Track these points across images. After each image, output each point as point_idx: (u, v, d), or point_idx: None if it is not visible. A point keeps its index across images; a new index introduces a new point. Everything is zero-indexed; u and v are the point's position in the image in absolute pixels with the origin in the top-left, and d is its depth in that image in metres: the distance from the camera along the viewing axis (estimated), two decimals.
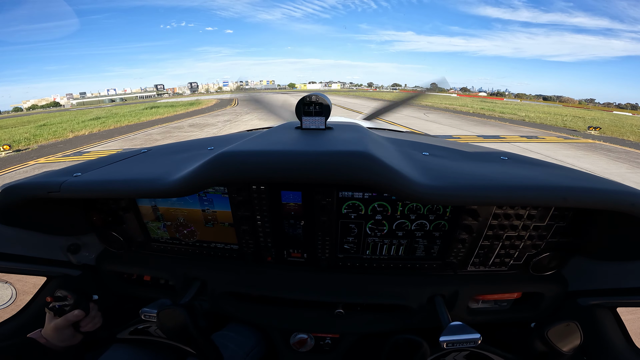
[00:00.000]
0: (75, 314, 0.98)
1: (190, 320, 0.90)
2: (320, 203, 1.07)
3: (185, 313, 0.90)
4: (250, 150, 0.94)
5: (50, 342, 0.95)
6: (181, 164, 1.07)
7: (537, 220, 1.04)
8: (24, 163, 9.22)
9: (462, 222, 1.06)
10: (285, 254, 1.24)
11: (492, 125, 16.32)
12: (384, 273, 1.21)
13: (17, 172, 8.15)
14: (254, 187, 1.09)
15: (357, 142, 1.00)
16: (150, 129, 15.61)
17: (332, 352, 1.23)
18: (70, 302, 0.99)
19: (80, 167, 1.18)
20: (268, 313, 1.23)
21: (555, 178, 0.95)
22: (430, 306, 1.12)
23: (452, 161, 1.11)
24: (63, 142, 12.94)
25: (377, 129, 2.06)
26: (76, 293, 1.01)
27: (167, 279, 1.32)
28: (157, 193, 0.97)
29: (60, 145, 12.32)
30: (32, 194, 1.01)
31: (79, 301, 1.00)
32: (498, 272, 1.18)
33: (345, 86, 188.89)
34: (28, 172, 8.18)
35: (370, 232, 1.14)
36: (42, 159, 9.66)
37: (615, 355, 0.98)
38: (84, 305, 1.02)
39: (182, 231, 1.26)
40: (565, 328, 0.92)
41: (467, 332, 0.89)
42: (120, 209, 1.23)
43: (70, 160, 9.11)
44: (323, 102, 1.17)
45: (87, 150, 10.73)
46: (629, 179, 6.96)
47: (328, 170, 0.86)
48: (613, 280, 1.01)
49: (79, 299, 1.00)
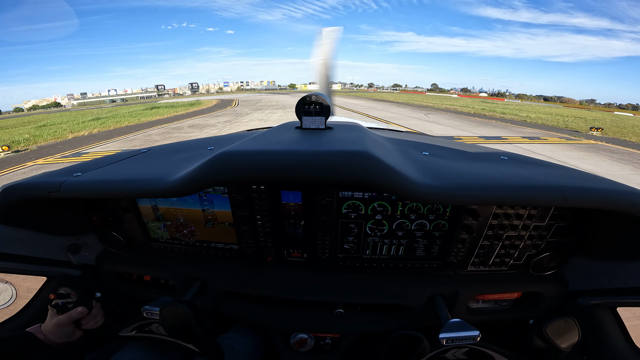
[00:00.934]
0: (79, 311, 0.99)
1: (193, 317, 0.91)
2: (320, 203, 1.07)
3: (188, 309, 0.91)
4: (250, 150, 0.94)
5: (48, 337, 0.95)
6: (181, 164, 1.07)
7: (537, 220, 1.04)
8: (22, 164, 9.18)
9: (462, 221, 1.06)
10: (285, 254, 1.24)
11: (494, 126, 16.14)
12: (384, 273, 1.21)
13: (15, 174, 8.12)
14: (254, 187, 1.09)
15: (357, 141, 1.00)
16: (149, 130, 15.58)
17: (332, 352, 1.23)
18: (73, 299, 0.99)
19: (80, 167, 1.18)
20: (268, 313, 1.23)
21: (556, 178, 0.95)
22: (430, 306, 1.12)
23: (452, 161, 1.11)
24: (62, 143, 12.92)
25: (377, 128, 2.06)
26: (79, 290, 1.02)
27: (167, 279, 1.32)
28: (157, 193, 0.97)
29: (60, 146, 12.31)
30: (32, 194, 1.01)
31: (82, 298, 1.01)
32: (498, 272, 1.18)
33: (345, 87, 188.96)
34: (26, 173, 8.17)
35: (370, 232, 1.14)
36: (40, 160, 9.64)
37: (615, 355, 0.98)
38: (87, 303, 1.02)
39: (182, 231, 1.26)
40: (563, 324, 0.92)
41: (467, 329, 0.90)
42: (120, 209, 1.23)
43: (68, 162, 9.09)
44: (323, 102, 1.17)
45: (86, 152, 10.71)
46: (633, 181, 6.93)
47: (328, 170, 0.86)
48: (613, 280, 1.01)
49: (82, 296, 1.01)
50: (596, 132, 14.75)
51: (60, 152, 10.80)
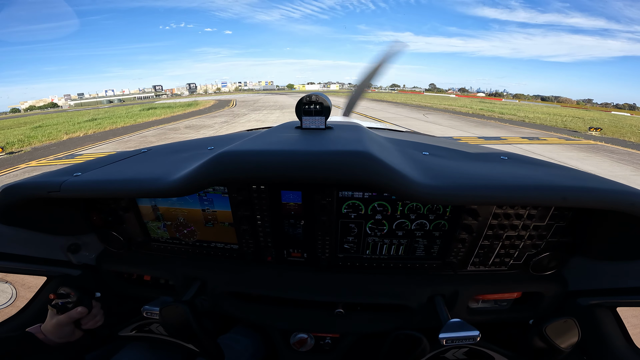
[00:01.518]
0: (78, 311, 0.99)
1: (193, 317, 0.91)
2: (320, 203, 1.07)
3: (187, 309, 0.91)
4: (250, 149, 0.94)
5: (48, 337, 0.95)
6: (181, 164, 1.07)
7: (537, 220, 1.04)
8: (15, 166, 9.07)
9: (462, 221, 1.06)
10: (285, 254, 1.24)
11: (493, 126, 16.19)
12: (384, 273, 1.21)
13: (7, 177, 8.01)
14: (254, 186, 1.09)
15: (357, 141, 1.00)
16: (145, 131, 15.53)
17: (332, 352, 1.23)
18: (73, 299, 0.99)
19: (80, 167, 1.18)
20: (268, 313, 1.23)
21: (555, 178, 0.95)
22: (430, 306, 1.12)
23: (452, 161, 1.11)
24: (57, 144, 12.84)
25: (377, 128, 2.06)
26: (79, 290, 1.01)
27: (167, 278, 1.32)
28: (157, 193, 0.97)
29: (54, 147, 12.21)
30: (32, 194, 1.01)
31: (82, 298, 1.01)
32: (498, 272, 1.18)
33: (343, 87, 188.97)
34: (18, 175, 8.07)
35: (370, 232, 1.14)
36: (33, 162, 9.54)
37: (615, 355, 0.98)
38: (87, 303, 1.02)
39: (182, 231, 1.26)
40: (563, 324, 0.93)
41: (466, 329, 0.90)
42: (120, 209, 1.23)
43: (62, 164, 8.98)
44: (323, 101, 1.17)
45: (80, 153, 10.58)
46: (635, 182, 6.94)
47: (328, 170, 0.86)
48: (613, 280, 1.01)
49: (82, 296, 1.01)
50: (595, 132, 14.80)
51: (54, 154, 10.70)
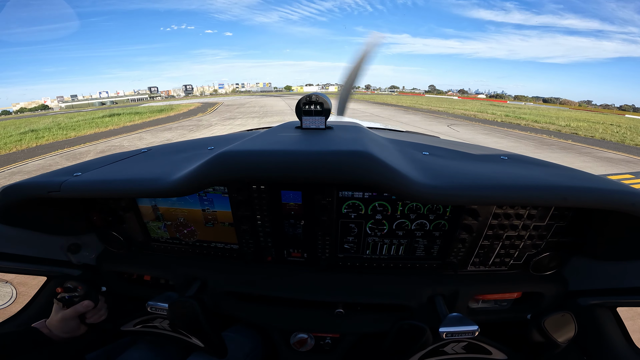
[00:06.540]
0: (85, 305, 1.00)
1: (201, 311, 0.93)
2: (320, 203, 1.07)
3: (196, 304, 0.93)
4: (250, 149, 0.94)
5: (53, 332, 0.95)
6: (181, 164, 1.07)
7: (537, 220, 1.04)
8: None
9: (462, 221, 1.06)
10: (285, 254, 1.24)
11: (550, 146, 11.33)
12: (384, 273, 1.21)
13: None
14: (254, 187, 1.09)
15: (357, 141, 1.00)
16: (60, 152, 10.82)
17: (332, 352, 1.23)
18: (80, 293, 1.00)
19: (80, 167, 1.18)
20: (268, 313, 1.23)
21: (556, 178, 0.95)
22: (430, 306, 1.12)
23: (452, 161, 1.11)
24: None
25: (377, 128, 2.06)
26: (86, 284, 1.03)
27: (167, 278, 1.32)
28: (158, 193, 0.97)
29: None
30: (32, 194, 1.01)
31: (89, 292, 1.02)
32: (498, 272, 1.18)
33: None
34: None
35: (370, 232, 1.14)
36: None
37: (615, 355, 0.98)
38: (94, 297, 1.03)
39: (182, 231, 1.26)
40: (560, 318, 0.93)
41: (466, 323, 0.92)
42: (120, 209, 1.23)
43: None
44: (323, 102, 1.17)
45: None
46: None
47: (328, 170, 0.86)
48: (613, 280, 1.01)
49: (88, 290, 1.02)
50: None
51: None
